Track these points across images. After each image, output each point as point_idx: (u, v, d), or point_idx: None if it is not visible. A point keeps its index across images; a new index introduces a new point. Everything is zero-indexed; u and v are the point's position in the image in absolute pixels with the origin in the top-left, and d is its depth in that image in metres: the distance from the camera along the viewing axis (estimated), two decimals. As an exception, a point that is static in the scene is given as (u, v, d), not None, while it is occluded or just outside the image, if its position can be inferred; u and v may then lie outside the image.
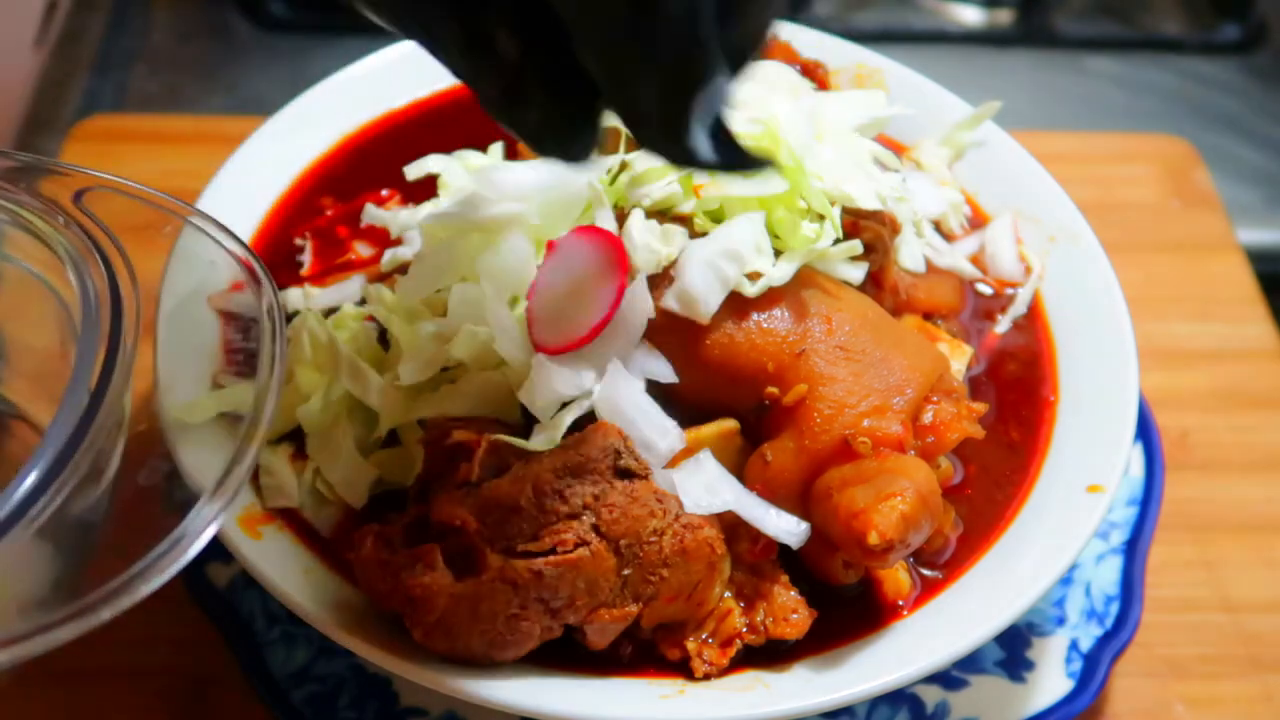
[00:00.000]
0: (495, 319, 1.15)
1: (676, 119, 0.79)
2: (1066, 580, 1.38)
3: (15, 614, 0.91)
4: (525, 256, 1.19)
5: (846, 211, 1.20)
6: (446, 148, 1.40)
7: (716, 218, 1.17)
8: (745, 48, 0.79)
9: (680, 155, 0.82)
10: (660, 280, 1.14)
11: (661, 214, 1.18)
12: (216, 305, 1.32)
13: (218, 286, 1.22)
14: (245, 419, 0.98)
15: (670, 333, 1.14)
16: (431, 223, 1.23)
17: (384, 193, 1.42)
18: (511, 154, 1.42)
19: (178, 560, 0.89)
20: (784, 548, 1.11)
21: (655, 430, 1.10)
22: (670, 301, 1.13)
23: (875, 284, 1.25)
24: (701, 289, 1.12)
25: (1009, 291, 1.39)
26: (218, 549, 1.25)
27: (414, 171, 1.35)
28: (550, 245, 1.17)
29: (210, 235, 1.08)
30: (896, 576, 1.16)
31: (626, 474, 1.06)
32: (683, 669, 1.10)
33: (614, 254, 1.14)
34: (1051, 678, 1.32)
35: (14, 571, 0.92)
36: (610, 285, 1.12)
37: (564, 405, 1.12)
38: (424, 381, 1.19)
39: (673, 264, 1.14)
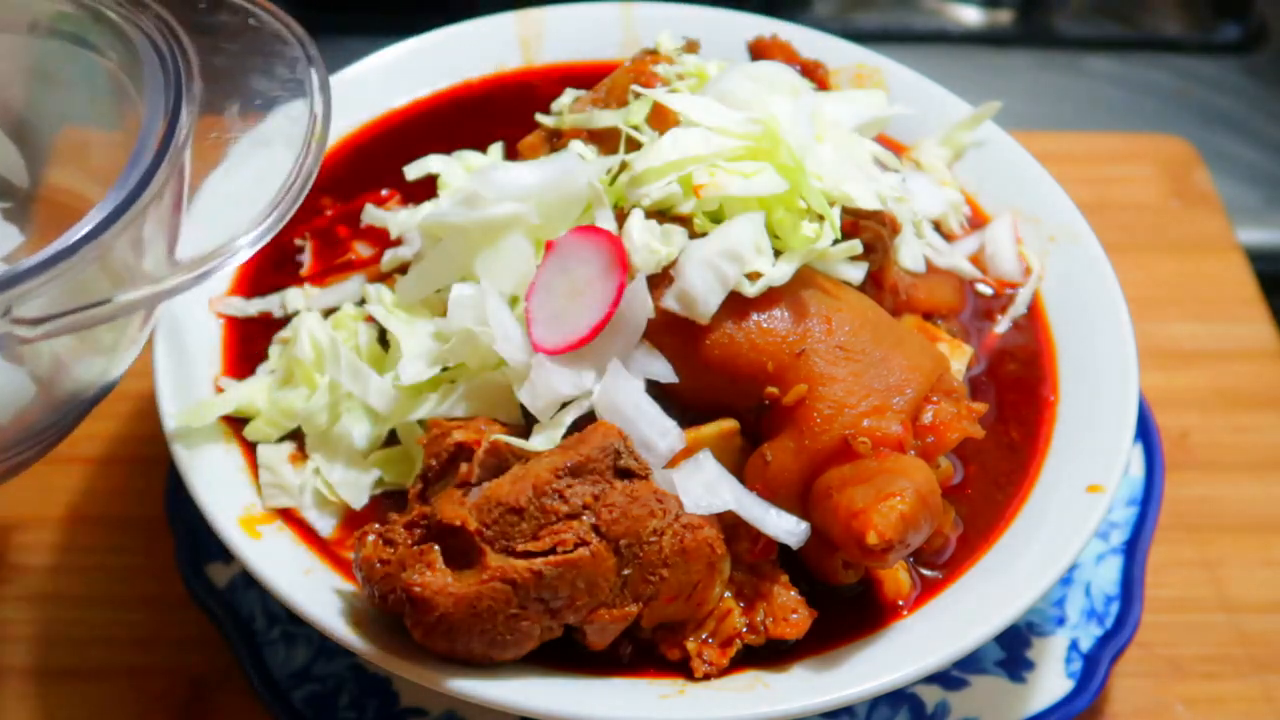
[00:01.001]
0: (495, 319, 1.15)
1: None
2: (1066, 580, 1.38)
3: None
4: (525, 256, 1.19)
5: (846, 211, 1.20)
6: (446, 148, 1.40)
7: (716, 218, 1.17)
8: None
9: None
10: (660, 280, 1.14)
11: (661, 214, 1.18)
12: (216, 309, 1.32)
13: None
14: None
15: (670, 333, 1.14)
16: (431, 222, 1.23)
17: (384, 193, 1.42)
18: (511, 154, 1.42)
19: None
20: (784, 548, 1.11)
21: (655, 430, 1.10)
22: (670, 302, 1.13)
23: (875, 284, 1.25)
24: (701, 290, 1.12)
25: (1009, 291, 1.39)
26: (218, 549, 1.26)
27: (414, 171, 1.35)
28: (549, 245, 1.17)
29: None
30: (896, 576, 1.16)
31: (626, 474, 1.06)
32: (683, 669, 1.10)
33: (613, 253, 1.14)
34: (1051, 678, 1.32)
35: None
36: (609, 285, 1.12)
37: (564, 405, 1.13)
38: (424, 381, 1.19)
39: (672, 264, 1.14)
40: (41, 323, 0.93)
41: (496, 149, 1.42)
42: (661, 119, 1.25)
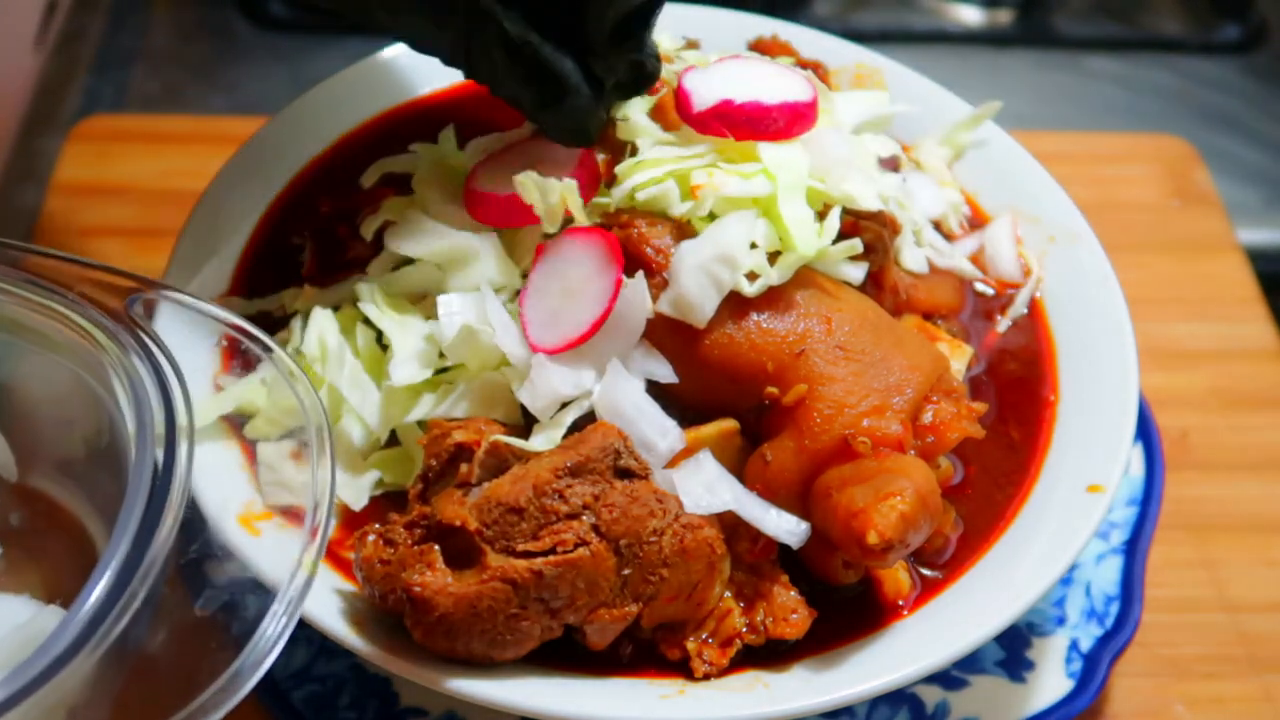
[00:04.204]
0: (496, 317, 1.15)
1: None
2: (1066, 580, 1.38)
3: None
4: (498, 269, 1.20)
5: (846, 211, 1.20)
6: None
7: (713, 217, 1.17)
8: None
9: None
10: (656, 283, 1.14)
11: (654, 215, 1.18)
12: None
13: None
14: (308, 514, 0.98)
15: (670, 333, 1.14)
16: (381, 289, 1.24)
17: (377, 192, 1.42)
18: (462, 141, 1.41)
19: (251, 677, 0.89)
20: (784, 548, 1.11)
21: (655, 430, 1.10)
22: (665, 307, 1.13)
23: (875, 284, 1.25)
24: (696, 295, 1.12)
25: (1009, 291, 1.39)
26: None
27: (369, 179, 1.35)
28: (539, 248, 1.17)
29: (283, 373, 1.09)
30: (896, 576, 1.16)
31: (626, 474, 1.06)
32: (683, 669, 1.10)
33: (607, 250, 1.14)
34: (1051, 678, 1.32)
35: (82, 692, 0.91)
36: (606, 281, 1.12)
37: (564, 405, 1.13)
38: (424, 382, 1.19)
39: (665, 266, 1.14)
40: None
41: (449, 133, 1.41)
42: (663, 115, 1.25)
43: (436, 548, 1.04)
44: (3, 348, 1.10)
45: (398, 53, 1.53)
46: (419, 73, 1.52)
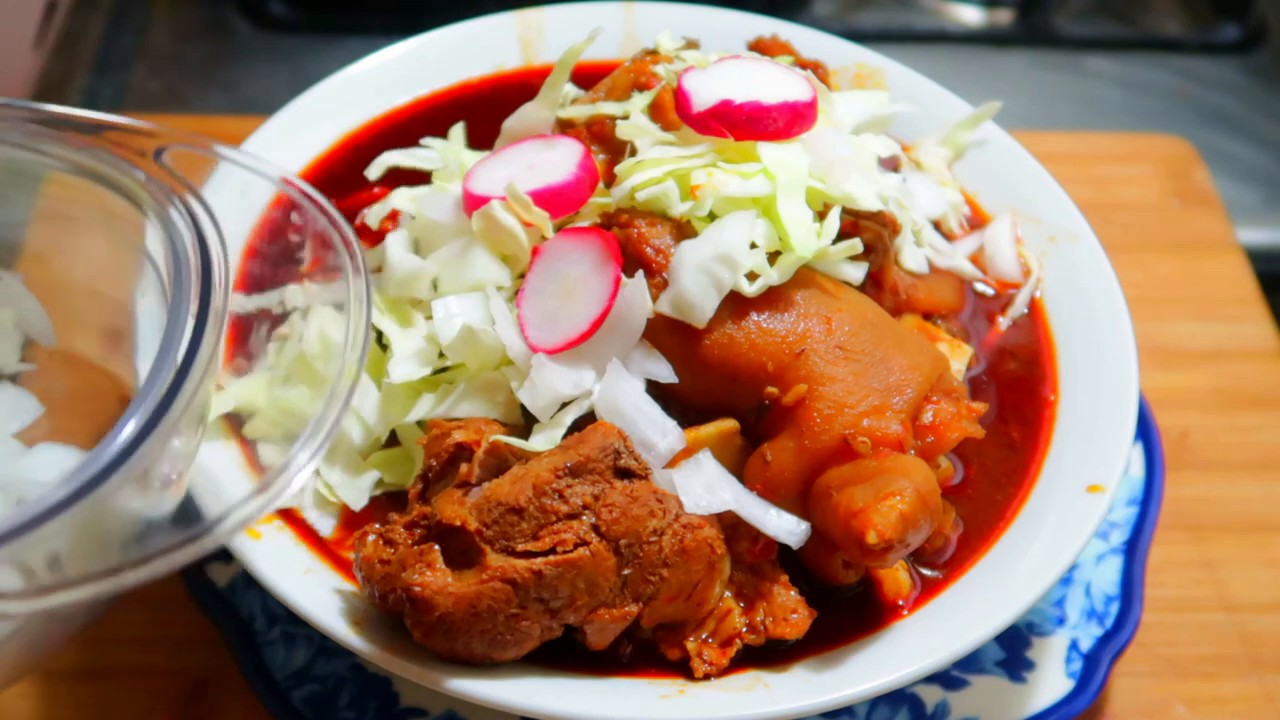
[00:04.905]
0: (499, 316, 1.15)
1: None
2: (1066, 580, 1.38)
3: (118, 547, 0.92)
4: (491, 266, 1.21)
5: (846, 211, 1.20)
6: (445, 148, 1.40)
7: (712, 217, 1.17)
8: None
9: None
10: (656, 283, 1.14)
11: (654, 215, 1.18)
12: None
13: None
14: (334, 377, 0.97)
15: (670, 333, 1.14)
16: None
17: (377, 190, 1.42)
18: (474, 142, 1.41)
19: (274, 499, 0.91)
20: (784, 548, 1.11)
21: (655, 430, 1.10)
22: (665, 307, 1.13)
23: (875, 284, 1.25)
24: (696, 296, 1.12)
25: (1009, 291, 1.39)
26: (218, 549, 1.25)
27: (375, 171, 1.36)
28: (535, 251, 1.17)
29: (303, 202, 1.08)
30: (896, 576, 1.16)
31: (626, 474, 1.06)
32: (683, 669, 1.10)
33: (604, 248, 1.14)
34: (1051, 678, 1.32)
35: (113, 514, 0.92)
36: (605, 279, 1.12)
37: (564, 405, 1.13)
38: (424, 382, 1.19)
39: (668, 265, 1.14)
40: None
41: (458, 130, 1.42)
42: (663, 115, 1.25)
43: (436, 548, 1.04)
44: (37, 214, 1.11)
45: (398, 53, 1.53)
46: (420, 73, 1.53)
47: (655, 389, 1.13)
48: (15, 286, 1.14)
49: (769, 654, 1.11)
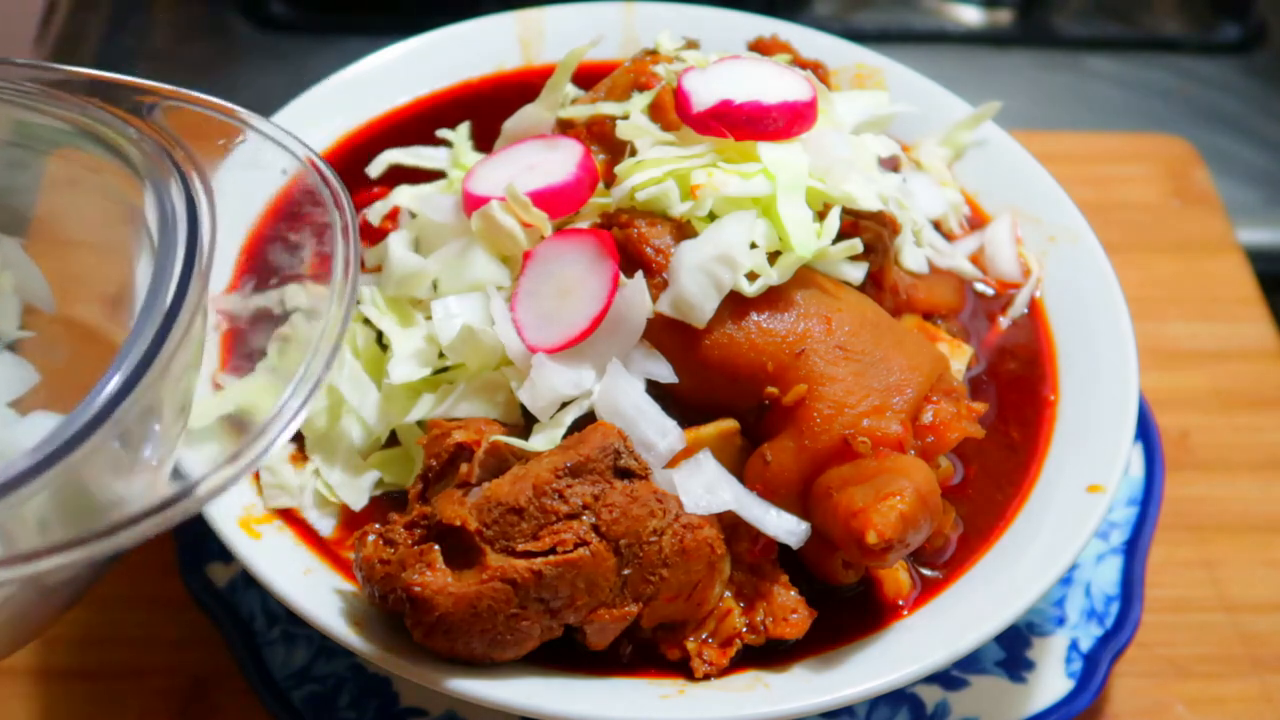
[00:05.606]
0: (499, 316, 1.15)
1: None
2: (1066, 580, 1.38)
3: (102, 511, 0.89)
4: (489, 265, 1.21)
5: (846, 211, 1.20)
6: (446, 148, 1.40)
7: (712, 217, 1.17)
8: None
9: None
10: (656, 283, 1.14)
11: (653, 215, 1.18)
12: (215, 305, 1.32)
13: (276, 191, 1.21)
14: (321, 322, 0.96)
15: (669, 332, 1.14)
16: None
17: (376, 189, 1.42)
18: (475, 143, 1.42)
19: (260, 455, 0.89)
20: (784, 548, 1.11)
21: (655, 430, 1.10)
22: (665, 308, 1.13)
23: (875, 284, 1.25)
24: (696, 296, 1.12)
25: (1009, 291, 1.39)
26: (218, 549, 1.25)
27: (376, 169, 1.37)
28: (526, 255, 1.17)
29: (278, 142, 1.07)
30: (896, 576, 1.16)
31: (626, 474, 1.06)
32: (683, 669, 1.10)
33: (599, 247, 1.14)
34: (1051, 678, 1.32)
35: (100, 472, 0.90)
36: (602, 277, 1.12)
37: (564, 405, 1.13)
38: (424, 382, 1.19)
39: (668, 266, 1.14)
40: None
41: (463, 129, 1.42)
42: (663, 115, 1.25)
43: (436, 548, 1.04)
44: (34, 179, 1.10)
45: (398, 53, 1.53)
46: (420, 73, 1.53)
47: (655, 389, 1.13)
48: (14, 251, 1.12)
49: (769, 654, 1.11)
